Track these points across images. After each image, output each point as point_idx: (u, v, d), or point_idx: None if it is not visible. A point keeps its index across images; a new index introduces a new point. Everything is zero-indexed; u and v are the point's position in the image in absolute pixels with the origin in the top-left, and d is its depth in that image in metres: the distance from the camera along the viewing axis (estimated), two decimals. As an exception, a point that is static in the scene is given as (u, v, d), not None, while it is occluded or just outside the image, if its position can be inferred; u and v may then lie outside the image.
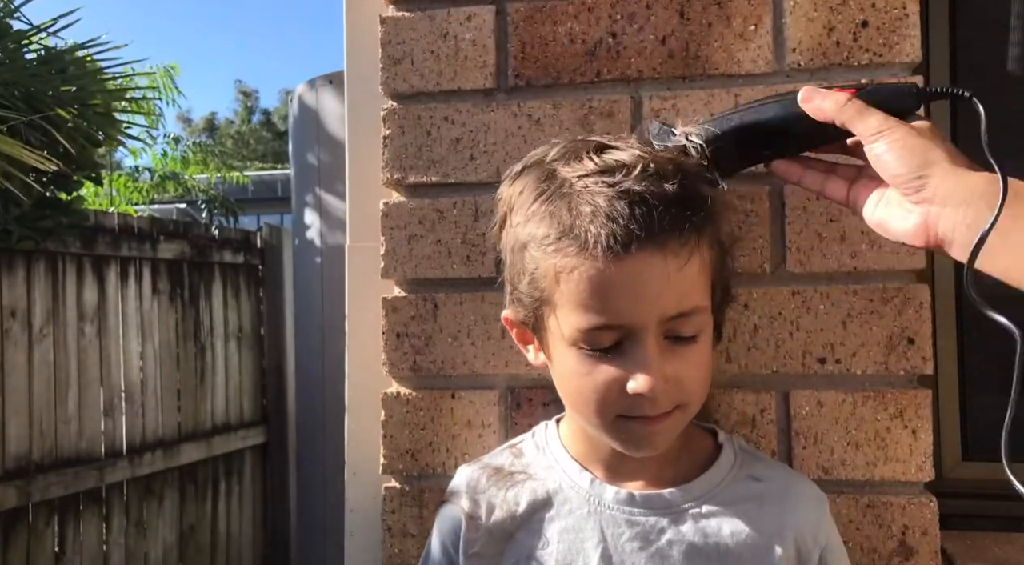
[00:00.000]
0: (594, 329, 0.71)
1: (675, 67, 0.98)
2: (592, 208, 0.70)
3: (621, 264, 0.68)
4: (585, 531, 0.79)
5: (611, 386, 0.72)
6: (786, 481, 0.83)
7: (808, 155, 0.83)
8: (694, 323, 0.72)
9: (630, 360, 0.71)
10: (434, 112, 1.04)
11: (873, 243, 0.93)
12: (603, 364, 0.72)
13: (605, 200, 0.69)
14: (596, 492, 0.80)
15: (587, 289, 0.70)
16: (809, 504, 0.81)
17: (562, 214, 0.72)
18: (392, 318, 1.04)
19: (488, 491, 0.84)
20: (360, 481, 1.12)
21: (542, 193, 0.74)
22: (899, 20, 0.94)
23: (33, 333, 3.09)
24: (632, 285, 0.69)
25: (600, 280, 0.69)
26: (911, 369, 0.93)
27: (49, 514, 3.15)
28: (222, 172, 7.00)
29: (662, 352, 0.71)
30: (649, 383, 0.69)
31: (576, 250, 0.70)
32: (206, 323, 4.00)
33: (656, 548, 0.77)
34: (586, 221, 0.70)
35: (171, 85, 5.32)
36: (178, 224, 3.97)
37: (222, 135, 27.19)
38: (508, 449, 0.90)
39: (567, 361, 0.75)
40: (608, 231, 0.68)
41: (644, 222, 0.68)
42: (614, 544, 0.77)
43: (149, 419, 3.63)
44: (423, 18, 1.04)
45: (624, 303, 0.70)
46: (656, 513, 0.78)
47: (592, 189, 0.71)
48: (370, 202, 1.08)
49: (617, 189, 0.70)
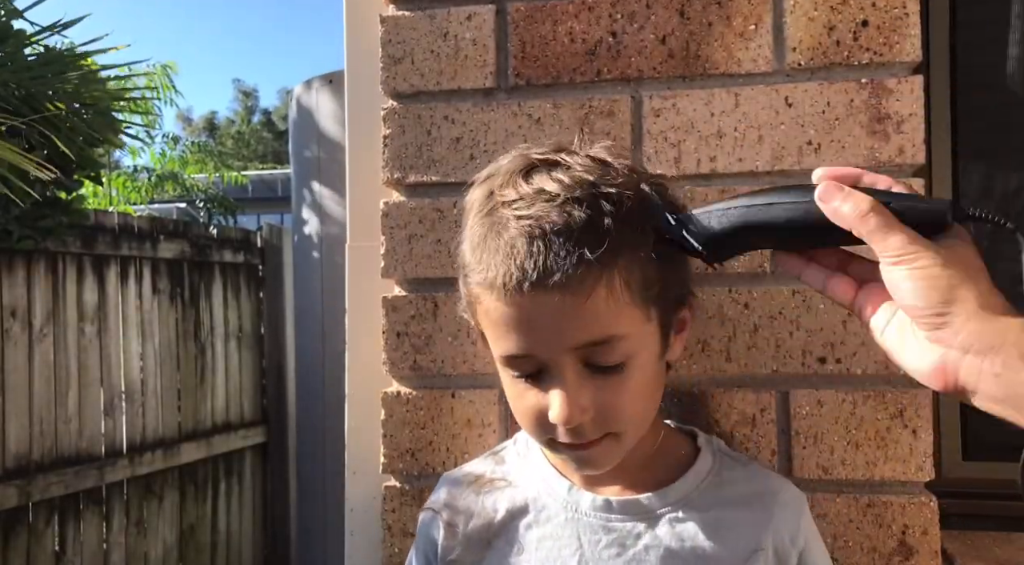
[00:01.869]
0: (511, 357, 0.72)
1: (675, 66, 0.98)
2: (496, 244, 0.70)
3: (521, 300, 0.69)
4: (563, 539, 0.79)
5: (536, 412, 0.73)
6: (764, 484, 0.82)
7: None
8: (616, 352, 0.70)
9: (548, 389, 0.71)
10: (434, 111, 1.04)
11: (873, 243, 0.93)
12: (529, 389, 0.73)
13: (508, 236, 0.70)
14: (573, 499, 0.80)
15: (496, 321, 0.72)
16: (787, 507, 0.80)
17: (477, 245, 0.73)
18: (392, 317, 1.04)
19: (467, 498, 0.84)
20: (360, 480, 1.12)
21: (477, 213, 0.75)
22: (899, 19, 0.94)
23: (33, 333, 3.09)
24: (534, 320, 0.69)
25: (504, 315, 0.70)
26: (911, 369, 0.93)
27: (49, 513, 3.15)
28: (221, 172, 7.00)
29: (581, 382, 0.70)
30: (562, 415, 0.70)
31: (485, 285, 0.71)
32: (206, 323, 4.00)
33: (632, 553, 0.77)
34: (491, 257, 0.70)
35: (169, 84, 5.31)
36: (178, 224, 3.97)
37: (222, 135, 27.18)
38: (491, 456, 0.90)
39: (504, 380, 0.77)
40: (506, 270, 0.69)
41: (542, 260, 0.67)
42: (591, 551, 0.77)
43: (149, 419, 3.63)
44: (423, 17, 1.04)
45: (529, 337, 0.70)
46: (632, 518, 0.78)
47: (501, 222, 0.71)
48: (370, 201, 1.08)
49: (522, 224, 0.69)
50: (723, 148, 0.96)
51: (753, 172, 0.96)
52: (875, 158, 0.94)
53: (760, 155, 0.96)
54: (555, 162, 0.74)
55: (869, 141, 0.94)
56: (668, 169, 0.97)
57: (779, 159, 0.95)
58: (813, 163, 0.95)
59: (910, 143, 0.93)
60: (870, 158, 0.94)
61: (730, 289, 0.96)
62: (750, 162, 0.96)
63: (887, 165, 0.94)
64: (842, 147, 0.94)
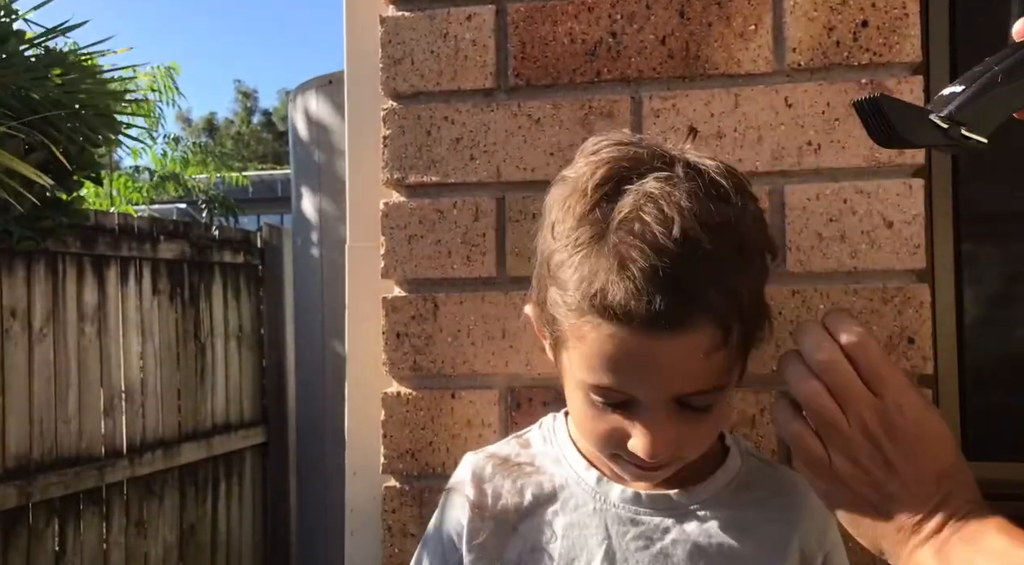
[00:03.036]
0: (602, 388, 0.70)
1: (675, 67, 0.98)
2: (620, 277, 0.64)
3: (641, 341, 0.65)
4: (590, 528, 0.79)
5: (612, 435, 0.72)
6: (793, 486, 0.82)
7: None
8: (711, 397, 0.70)
9: (635, 420, 0.70)
10: (434, 112, 1.04)
11: (873, 243, 0.94)
12: (610, 414, 0.71)
13: (638, 271, 0.64)
14: (602, 490, 0.80)
15: (601, 355, 0.68)
16: (816, 511, 0.80)
17: (591, 272, 0.67)
18: (392, 318, 1.04)
19: (494, 480, 0.83)
20: (360, 481, 1.12)
21: (580, 227, 0.69)
22: (899, 20, 0.94)
23: (33, 333, 3.08)
24: (649, 364, 0.66)
25: (616, 351, 0.67)
26: (911, 369, 0.93)
27: (49, 514, 3.15)
28: (222, 172, 7.00)
29: (669, 417, 0.69)
30: (648, 451, 0.69)
31: (597, 315, 0.66)
32: (206, 323, 4.00)
33: (660, 547, 0.77)
34: (612, 290, 0.65)
35: (171, 85, 5.31)
36: (178, 224, 3.97)
37: (222, 136, 27.18)
38: (515, 439, 0.89)
39: (575, 395, 0.75)
40: (633, 308, 0.64)
41: (673, 304, 0.63)
42: (618, 542, 0.77)
43: (149, 419, 3.63)
44: (423, 18, 1.04)
45: (638, 378, 0.68)
46: (661, 513, 0.78)
47: (627, 253, 0.64)
48: (370, 202, 1.08)
49: (653, 261, 0.63)
50: (723, 148, 0.96)
51: (753, 172, 0.96)
52: (875, 158, 0.94)
53: (760, 155, 0.96)
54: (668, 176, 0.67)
55: (869, 141, 0.93)
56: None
57: (779, 159, 0.96)
58: (813, 163, 0.95)
59: (910, 143, 0.93)
60: (870, 158, 0.94)
61: (730, 289, 0.96)
62: (750, 162, 0.96)
63: (887, 166, 0.94)
64: (842, 147, 0.94)
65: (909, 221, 0.93)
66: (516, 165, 1.01)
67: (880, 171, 0.94)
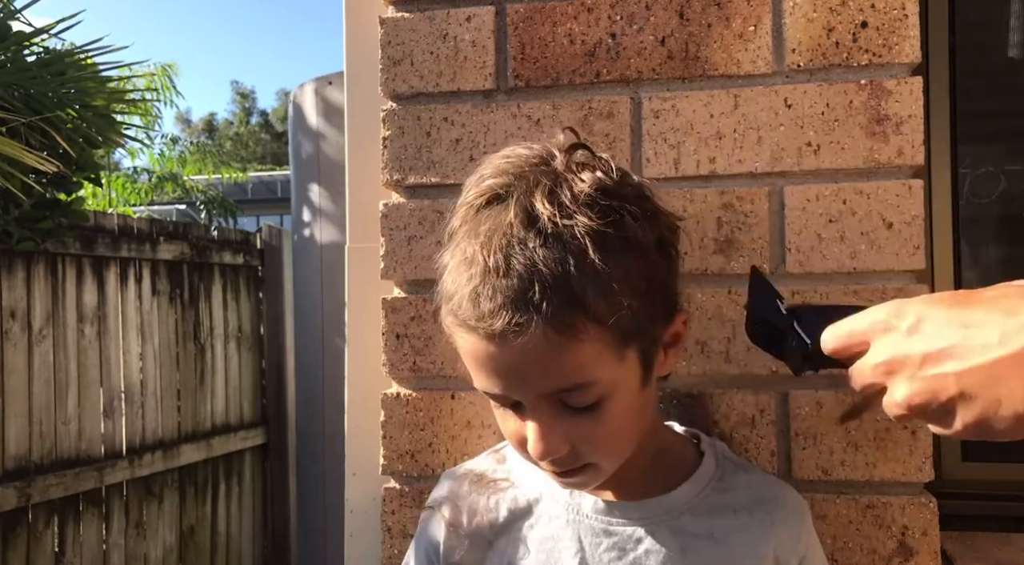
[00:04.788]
0: (488, 392, 0.72)
1: (674, 68, 0.98)
2: (466, 289, 0.67)
3: (490, 346, 0.67)
4: (563, 540, 0.78)
5: (518, 437, 0.73)
6: (767, 490, 0.82)
7: None
8: (589, 395, 0.69)
9: (526, 420, 0.71)
10: (434, 113, 1.04)
11: (873, 243, 0.94)
12: (510, 416, 0.73)
13: (478, 281, 0.67)
14: (575, 501, 0.80)
15: (472, 362, 0.71)
16: (790, 514, 0.80)
17: (457, 275, 0.69)
18: (392, 319, 1.04)
19: (470, 498, 0.84)
20: (360, 482, 1.12)
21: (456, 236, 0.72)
22: (898, 21, 0.94)
23: (33, 334, 3.08)
24: (507, 364, 0.68)
25: (479, 356, 0.69)
26: (911, 369, 0.93)
27: (49, 515, 3.15)
28: (220, 172, 6.99)
29: (555, 420, 0.69)
30: (536, 450, 0.70)
31: (460, 321, 0.69)
32: (206, 324, 3.99)
33: (632, 558, 0.76)
34: (463, 302, 0.68)
35: (169, 85, 5.31)
36: (177, 225, 3.97)
37: (221, 136, 27.17)
38: (492, 454, 0.90)
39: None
40: (480, 313, 0.66)
41: (519, 305, 0.65)
42: (591, 553, 0.77)
43: (149, 420, 3.62)
44: (422, 19, 1.04)
45: (502, 380, 0.69)
46: (634, 523, 0.78)
47: (481, 255, 0.67)
48: (370, 203, 1.08)
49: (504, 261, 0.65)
50: (722, 149, 0.96)
51: (752, 173, 0.96)
52: (874, 159, 0.94)
53: (759, 156, 0.96)
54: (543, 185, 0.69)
55: (868, 142, 0.94)
56: (667, 171, 0.97)
57: (778, 160, 0.95)
58: (812, 164, 0.95)
59: (909, 144, 0.93)
60: (869, 159, 0.94)
61: (729, 290, 0.96)
62: (749, 163, 0.96)
63: (886, 167, 0.94)
64: (841, 148, 0.94)
65: (908, 222, 0.93)
66: (516, 166, 1.01)
67: (879, 172, 0.94)
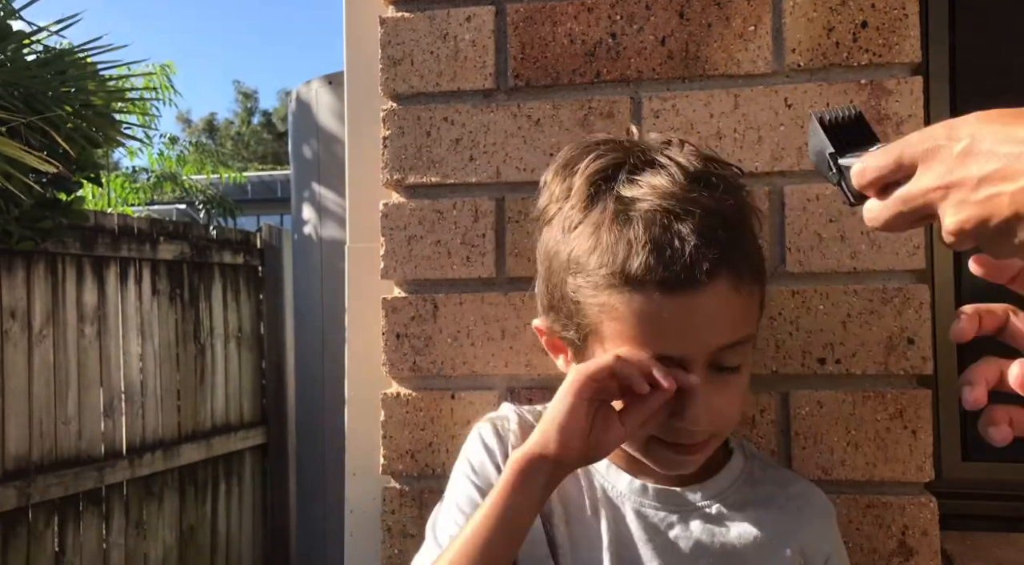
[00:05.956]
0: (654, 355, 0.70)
1: (675, 68, 0.98)
2: (647, 240, 0.67)
3: (676, 298, 0.67)
4: (598, 513, 0.79)
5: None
6: (796, 489, 0.83)
7: None
8: (741, 352, 0.72)
9: (678, 393, 0.69)
10: (434, 113, 1.04)
11: (873, 243, 0.93)
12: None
13: (667, 231, 0.67)
14: (611, 478, 0.81)
15: (639, 325, 0.69)
16: (818, 515, 0.81)
17: (611, 247, 0.69)
18: (392, 319, 1.04)
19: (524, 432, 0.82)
20: (360, 482, 1.12)
21: (592, 209, 0.72)
22: (899, 20, 0.94)
23: (33, 334, 3.08)
24: (687, 318, 0.68)
25: (652, 315, 0.68)
26: (911, 369, 0.93)
27: (49, 515, 3.14)
28: (219, 172, 6.99)
29: (710, 386, 0.70)
30: (701, 421, 0.70)
31: (627, 286, 0.68)
32: (206, 324, 3.99)
33: (663, 541, 0.77)
34: (637, 258, 0.67)
35: (167, 84, 5.30)
36: (178, 225, 3.97)
37: (222, 136, 27.17)
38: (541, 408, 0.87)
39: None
40: (664, 265, 0.66)
41: (710, 258, 0.66)
42: (624, 530, 0.78)
43: (149, 420, 3.62)
44: (423, 19, 1.04)
45: (677, 336, 0.69)
46: (666, 508, 0.79)
47: (647, 218, 0.68)
48: (370, 203, 1.08)
49: (680, 217, 0.67)
50: (723, 149, 0.96)
51: (753, 173, 0.96)
52: (874, 159, 0.94)
53: (760, 156, 0.96)
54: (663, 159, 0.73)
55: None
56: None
57: (778, 160, 0.95)
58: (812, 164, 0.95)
59: (909, 144, 0.93)
60: (869, 159, 0.94)
61: (730, 290, 0.96)
62: (749, 163, 0.96)
63: (886, 166, 0.94)
64: (841, 148, 0.94)
65: (909, 221, 0.93)
66: (516, 166, 1.01)
67: (880, 171, 0.94)
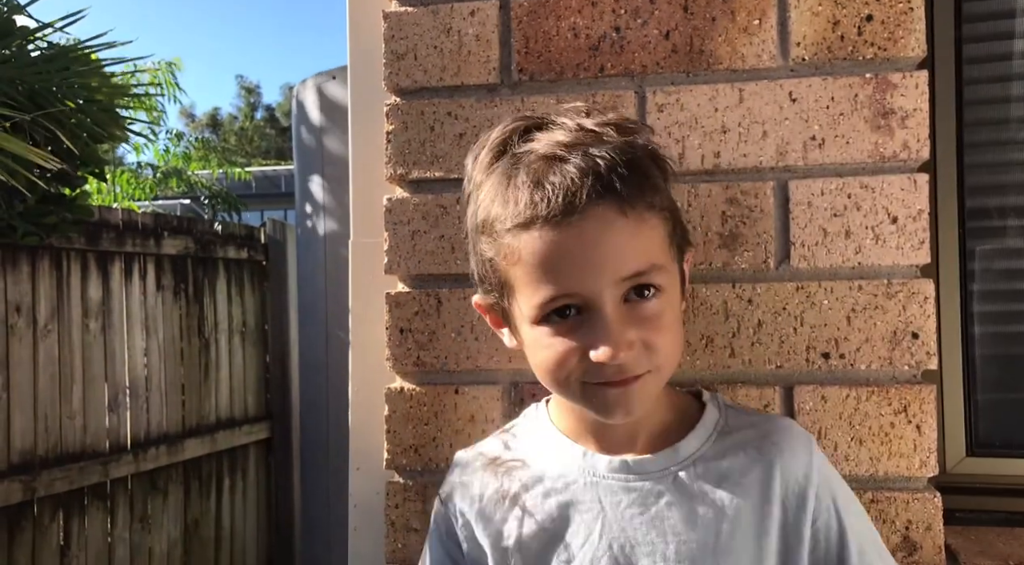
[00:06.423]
0: (550, 301, 0.72)
1: (679, 62, 0.98)
2: (537, 179, 0.71)
3: (561, 230, 0.70)
4: (583, 503, 0.79)
5: (573, 354, 0.73)
6: (770, 424, 0.82)
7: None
8: (656, 277, 0.72)
9: (590, 329, 0.71)
10: (437, 107, 1.03)
11: (877, 238, 0.93)
12: (564, 336, 0.73)
13: (550, 169, 0.71)
14: (589, 464, 0.81)
15: (540, 264, 0.71)
16: (795, 441, 0.80)
17: (509, 197, 0.73)
18: (395, 313, 1.04)
19: (483, 479, 0.85)
20: (364, 476, 1.12)
21: (492, 171, 0.76)
22: (904, 14, 0.93)
23: (38, 329, 3.09)
24: (577, 249, 0.70)
25: (551, 250, 0.70)
26: (915, 364, 0.93)
27: (54, 509, 3.16)
28: (224, 168, 7.00)
29: (623, 317, 0.71)
30: (609, 352, 0.70)
31: (523, 229, 0.71)
32: (210, 318, 4.00)
33: (655, 511, 0.77)
34: (526, 199, 0.71)
35: (173, 81, 5.30)
36: (182, 220, 3.97)
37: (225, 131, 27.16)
38: (503, 434, 0.90)
39: (532, 338, 0.76)
40: (545, 199, 0.69)
41: (592, 185, 0.69)
42: (613, 513, 0.78)
43: (153, 414, 3.63)
44: (426, 13, 1.04)
45: (574, 270, 0.70)
46: (651, 477, 0.79)
47: (538, 162, 0.72)
48: (373, 197, 1.08)
49: (563, 157, 0.71)
50: (727, 144, 0.96)
51: (757, 168, 0.95)
52: (880, 153, 0.93)
53: (764, 150, 0.96)
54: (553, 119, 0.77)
55: (874, 136, 0.93)
56: (672, 165, 0.97)
57: (783, 154, 0.95)
58: (818, 158, 0.94)
59: (915, 138, 0.93)
60: (874, 153, 0.93)
61: (734, 285, 0.96)
62: (754, 157, 0.96)
63: (892, 160, 0.93)
64: (846, 142, 0.94)
65: (914, 216, 0.93)
66: (519, 160, 1.01)
67: (885, 166, 0.94)
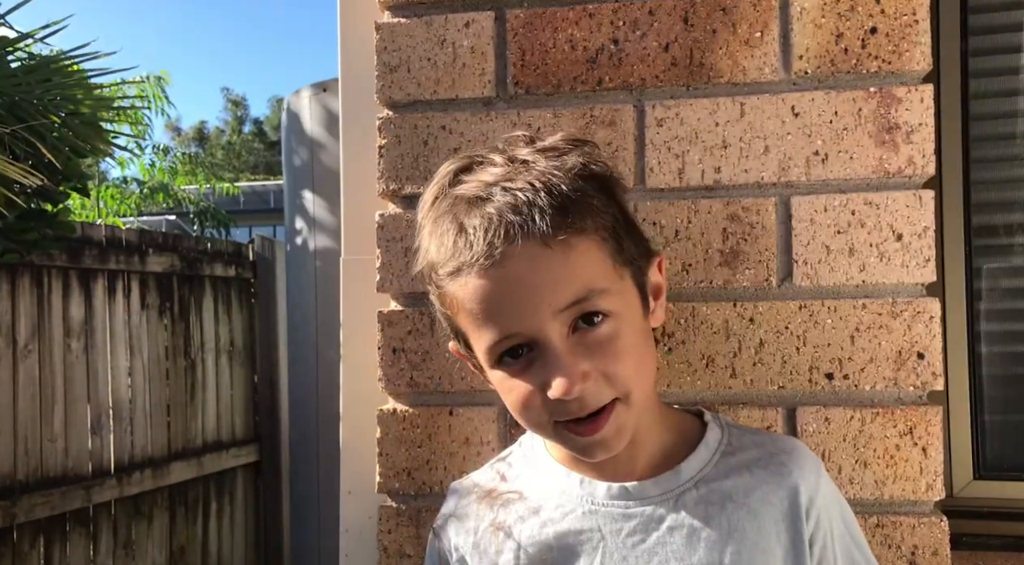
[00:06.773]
0: (496, 344, 0.71)
1: (679, 75, 0.96)
2: (460, 224, 0.71)
3: (497, 271, 0.69)
4: (584, 532, 0.77)
5: (533, 396, 0.71)
6: (777, 445, 0.81)
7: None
8: (600, 304, 0.71)
9: (542, 365, 0.70)
10: (431, 121, 1.02)
11: (882, 256, 0.92)
12: (521, 378, 0.72)
13: (471, 212, 0.71)
14: (587, 492, 0.79)
15: (478, 310, 0.71)
16: (803, 463, 0.78)
17: (441, 237, 0.73)
18: (388, 333, 1.02)
19: (478, 512, 0.83)
20: (355, 500, 1.10)
21: (428, 216, 0.77)
22: (909, 27, 0.92)
23: (18, 349, 3.04)
24: (507, 290, 0.69)
25: (483, 294, 0.70)
26: (921, 385, 0.91)
27: (34, 535, 3.09)
28: (211, 183, 6.97)
29: (572, 349, 0.70)
30: (564, 384, 0.69)
31: (455, 270, 0.72)
32: (196, 338, 3.95)
33: (656, 538, 0.75)
34: (454, 247, 0.71)
35: (160, 94, 5.29)
36: (167, 236, 3.94)
37: (212, 145, 27.17)
38: (498, 463, 0.89)
39: (496, 381, 0.75)
40: (476, 241, 0.70)
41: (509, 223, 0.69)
42: (614, 541, 0.76)
43: (138, 437, 3.58)
44: (420, 24, 1.02)
45: (511, 310, 0.70)
46: (652, 502, 0.77)
47: (460, 206, 0.72)
48: (365, 213, 1.07)
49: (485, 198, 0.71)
50: (728, 158, 0.95)
51: (759, 183, 0.94)
52: (884, 169, 0.92)
53: (766, 165, 0.94)
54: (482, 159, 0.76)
55: (878, 151, 0.92)
56: (671, 180, 0.95)
57: (786, 170, 0.94)
58: (821, 174, 0.93)
59: (920, 153, 0.92)
60: (879, 169, 0.92)
61: (735, 303, 0.94)
62: (756, 173, 0.94)
63: (896, 177, 0.92)
64: (850, 158, 0.93)
65: (919, 233, 0.92)
66: (515, 175, 0.99)
67: (889, 182, 0.93)
